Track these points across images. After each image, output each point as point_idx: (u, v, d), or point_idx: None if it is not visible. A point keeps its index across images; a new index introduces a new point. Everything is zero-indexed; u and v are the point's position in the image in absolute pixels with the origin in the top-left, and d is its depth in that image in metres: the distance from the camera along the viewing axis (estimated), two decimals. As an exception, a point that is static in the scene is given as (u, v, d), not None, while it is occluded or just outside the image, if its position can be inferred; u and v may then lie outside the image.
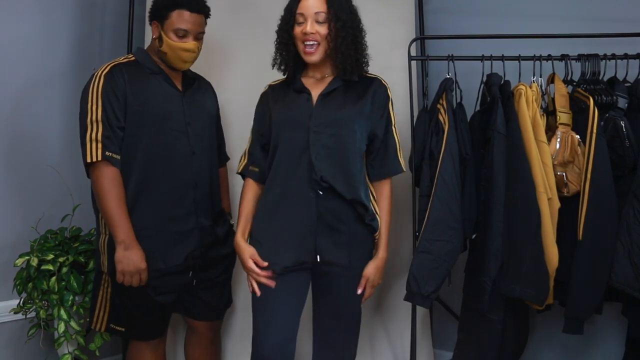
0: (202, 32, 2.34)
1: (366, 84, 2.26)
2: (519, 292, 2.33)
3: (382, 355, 2.81)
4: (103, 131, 2.22)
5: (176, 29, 2.27)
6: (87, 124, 2.24)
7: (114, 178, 2.23)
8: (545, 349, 2.88)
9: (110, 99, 2.24)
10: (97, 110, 2.23)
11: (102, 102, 2.23)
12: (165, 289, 2.33)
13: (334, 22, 2.15)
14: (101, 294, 2.35)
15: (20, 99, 2.76)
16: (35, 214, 2.67)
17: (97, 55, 3.03)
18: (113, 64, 2.31)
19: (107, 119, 2.23)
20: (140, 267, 2.22)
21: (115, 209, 2.22)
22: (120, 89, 2.25)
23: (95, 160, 2.21)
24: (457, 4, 3.07)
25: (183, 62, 2.33)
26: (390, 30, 2.83)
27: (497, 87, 2.46)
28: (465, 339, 2.56)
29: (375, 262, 2.23)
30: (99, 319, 2.37)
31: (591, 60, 2.48)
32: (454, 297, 2.85)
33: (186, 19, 2.27)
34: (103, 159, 2.21)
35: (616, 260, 2.29)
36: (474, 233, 2.47)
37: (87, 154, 2.23)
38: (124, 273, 2.22)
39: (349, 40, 2.17)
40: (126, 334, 2.39)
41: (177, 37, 2.28)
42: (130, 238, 2.22)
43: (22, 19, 2.76)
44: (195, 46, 2.31)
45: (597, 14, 2.75)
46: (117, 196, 2.23)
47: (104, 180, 2.23)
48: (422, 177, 2.46)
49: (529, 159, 2.32)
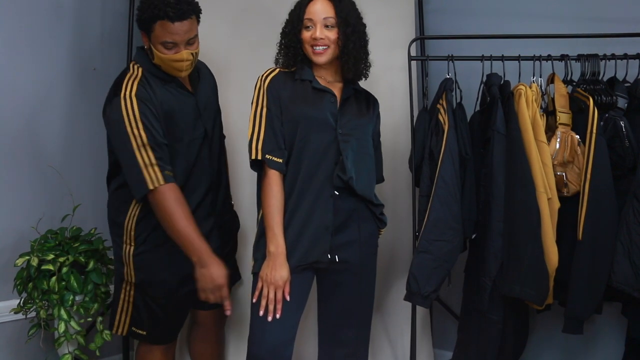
0: (194, 37, 2.20)
1: (366, 96, 2.33)
2: (518, 292, 2.33)
3: (382, 355, 2.81)
4: (154, 154, 2.14)
5: (163, 42, 2.16)
6: (133, 150, 2.13)
7: (178, 196, 2.16)
8: (545, 348, 2.88)
9: (150, 118, 2.15)
10: (140, 133, 2.13)
11: (142, 125, 2.13)
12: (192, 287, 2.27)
13: (343, 27, 2.16)
14: (123, 298, 2.33)
15: (21, 99, 2.76)
16: (35, 214, 2.67)
17: (97, 56, 3.03)
18: (136, 81, 2.20)
19: (154, 140, 2.14)
20: (219, 283, 2.16)
21: (184, 230, 2.14)
22: (154, 106, 2.18)
23: (158, 185, 2.13)
24: (457, 4, 3.07)
25: (179, 72, 2.24)
26: (390, 30, 2.83)
27: (496, 87, 2.46)
28: (465, 339, 2.57)
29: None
30: (121, 323, 2.35)
31: (591, 61, 2.49)
32: (454, 297, 2.86)
33: (170, 30, 2.13)
34: (166, 182, 2.14)
35: (616, 260, 2.29)
36: (474, 233, 2.48)
37: (148, 181, 2.12)
38: (204, 291, 2.18)
39: (359, 44, 2.20)
40: (147, 338, 2.37)
41: (167, 49, 2.17)
42: (205, 255, 2.16)
43: (22, 21, 2.76)
44: (188, 54, 2.19)
45: (597, 14, 2.75)
46: (184, 215, 2.15)
47: (169, 202, 2.14)
48: (422, 177, 2.46)
49: (528, 159, 2.33)
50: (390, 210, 2.82)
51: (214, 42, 2.70)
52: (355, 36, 2.18)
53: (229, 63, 2.79)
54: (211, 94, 2.45)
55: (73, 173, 2.84)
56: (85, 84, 2.97)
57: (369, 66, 2.28)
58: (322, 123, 2.18)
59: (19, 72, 2.75)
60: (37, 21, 2.81)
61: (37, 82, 2.81)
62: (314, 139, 2.17)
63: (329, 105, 2.21)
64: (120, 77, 2.25)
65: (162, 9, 2.11)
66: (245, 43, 2.83)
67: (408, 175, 2.68)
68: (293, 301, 2.14)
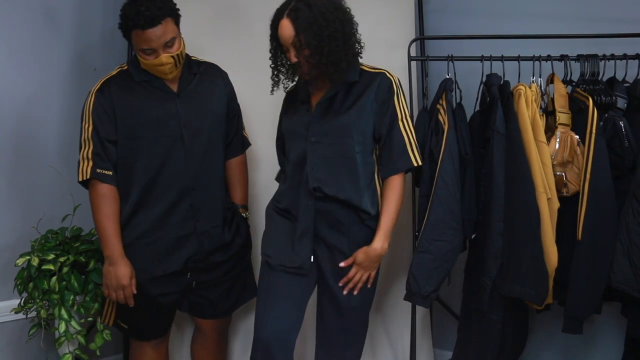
0: (172, 39, 2.20)
1: (369, 82, 2.22)
2: (518, 292, 2.33)
3: (382, 355, 2.81)
4: (93, 149, 2.25)
5: (142, 49, 2.20)
6: (80, 143, 2.29)
7: (104, 194, 2.27)
8: (545, 348, 2.88)
9: (100, 115, 2.26)
10: (88, 128, 2.27)
11: (92, 120, 2.26)
12: (165, 290, 2.36)
13: (303, 47, 2.10)
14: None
15: (21, 99, 2.76)
16: (35, 214, 2.67)
17: (97, 56, 3.04)
18: (104, 79, 2.32)
19: (97, 136, 2.25)
20: (123, 283, 2.26)
21: (103, 225, 2.26)
22: (108, 104, 2.25)
23: (86, 178, 2.26)
24: (457, 4, 3.07)
25: (165, 74, 2.26)
26: (390, 30, 2.83)
27: (496, 87, 2.46)
28: (465, 339, 2.57)
29: (366, 248, 2.19)
30: (108, 314, 2.44)
31: (590, 61, 2.49)
32: (454, 297, 2.86)
33: (144, 38, 2.16)
34: (93, 177, 2.25)
35: (615, 260, 2.29)
36: (474, 233, 2.48)
37: (79, 172, 2.28)
38: (108, 287, 2.29)
39: (333, 46, 2.10)
40: (129, 332, 2.44)
41: (146, 55, 2.21)
42: (116, 254, 2.26)
43: (22, 22, 2.76)
44: (168, 57, 2.20)
45: (596, 14, 2.75)
46: (106, 212, 2.27)
47: (95, 196, 2.28)
48: (422, 177, 2.46)
49: (528, 159, 2.33)
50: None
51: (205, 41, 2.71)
52: (319, 48, 2.08)
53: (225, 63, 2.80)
54: (209, 97, 2.40)
55: (73, 173, 2.82)
56: (85, 84, 2.94)
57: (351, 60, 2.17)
58: (297, 134, 2.24)
59: (19, 72, 2.76)
60: (37, 21, 2.81)
61: (37, 82, 2.82)
62: (293, 150, 2.26)
63: (304, 114, 2.24)
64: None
65: (132, 18, 2.15)
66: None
67: (408, 175, 2.68)
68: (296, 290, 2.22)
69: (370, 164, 2.24)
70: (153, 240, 2.30)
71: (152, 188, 2.29)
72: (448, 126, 2.40)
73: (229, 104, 2.47)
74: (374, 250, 2.19)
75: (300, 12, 2.08)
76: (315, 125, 2.21)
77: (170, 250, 2.32)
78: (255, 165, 2.77)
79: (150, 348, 2.43)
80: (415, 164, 2.24)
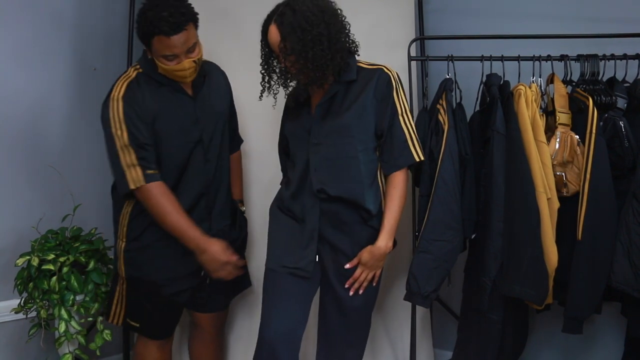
0: (194, 44, 2.21)
1: (367, 79, 2.20)
2: (518, 292, 2.33)
3: (382, 355, 2.81)
4: (136, 154, 2.20)
5: (164, 55, 2.18)
6: (117, 150, 2.20)
7: (162, 193, 2.22)
8: (545, 348, 2.88)
9: (133, 120, 2.20)
10: (122, 135, 2.19)
11: (126, 126, 2.19)
12: (181, 288, 2.37)
13: (289, 52, 2.09)
14: (118, 291, 2.41)
15: (21, 99, 2.76)
16: (35, 214, 2.67)
17: (97, 56, 3.04)
18: (125, 82, 2.25)
19: (135, 141, 2.20)
20: (222, 260, 2.27)
21: (176, 223, 2.23)
22: (140, 108, 2.22)
23: (139, 185, 2.20)
24: (457, 4, 3.07)
25: (184, 79, 2.27)
26: (390, 30, 2.83)
27: (496, 87, 2.46)
28: (465, 339, 2.57)
29: (371, 247, 2.19)
30: (116, 314, 2.43)
31: (590, 61, 2.49)
32: (454, 297, 2.86)
33: (168, 44, 2.15)
34: (147, 182, 2.20)
35: (615, 260, 2.29)
36: (474, 233, 2.48)
37: (129, 181, 2.20)
38: (213, 272, 2.29)
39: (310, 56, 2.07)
40: (140, 330, 2.44)
41: (168, 61, 2.19)
42: (200, 241, 2.25)
43: (23, 22, 2.76)
44: (190, 62, 2.21)
45: (596, 14, 2.75)
46: (173, 209, 2.23)
47: (154, 199, 2.21)
48: (422, 177, 2.46)
49: (528, 159, 2.33)
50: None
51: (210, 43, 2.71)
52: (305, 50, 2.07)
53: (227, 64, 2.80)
54: (217, 98, 2.42)
55: (73, 173, 2.84)
56: (85, 84, 2.97)
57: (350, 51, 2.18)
58: (299, 137, 2.26)
59: (20, 72, 2.75)
60: (39, 22, 2.81)
61: (38, 82, 2.82)
62: (297, 153, 2.27)
63: (305, 117, 2.25)
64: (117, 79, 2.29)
65: (156, 24, 2.12)
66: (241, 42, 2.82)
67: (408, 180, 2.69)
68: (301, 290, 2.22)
69: (373, 161, 2.23)
70: (173, 242, 2.30)
71: (174, 191, 2.29)
72: (448, 126, 2.40)
73: (230, 103, 2.51)
74: (378, 249, 2.19)
75: (285, 17, 2.08)
76: (316, 127, 2.21)
77: (189, 251, 2.31)
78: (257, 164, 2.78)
79: (155, 347, 2.44)
80: (417, 159, 2.22)
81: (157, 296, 2.35)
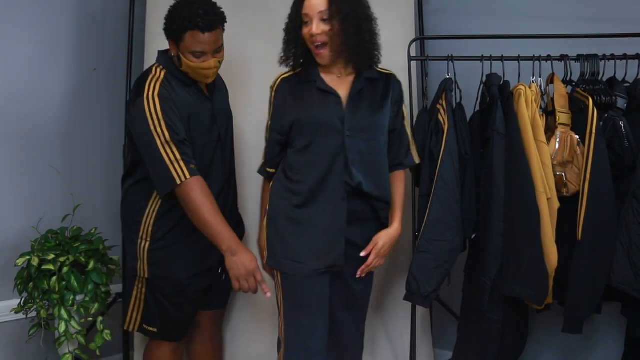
0: (221, 46, 2.27)
1: (386, 81, 2.31)
2: (518, 292, 2.33)
3: (382, 355, 2.81)
4: (178, 150, 2.19)
5: (193, 52, 2.22)
6: (158, 148, 2.19)
7: (202, 188, 2.20)
8: (545, 348, 2.88)
9: (170, 116, 2.20)
10: (162, 131, 2.18)
11: (165, 123, 2.19)
12: (201, 286, 2.38)
13: (336, 18, 2.13)
14: (135, 295, 2.39)
15: (21, 99, 2.76)
16: (36, 214, 2.67)
17: (98, 56, 3.04)
18: (158, 82, 2.25)
19: (176, 137, 2.19)
20: (251, 268, 2.20)
21: (213, 220, 2.19)
22: (175, 106, 2.23)
23: (184, 179, 2.18)
24: (457, 4, 3.08)
25: (206, 78, 2.30)
26: (390, 30, 2.81)
27: (496, 87, 2.47)
28: (465, 339, 2.57)
29: (388, 231, 2.27)
30: (132, 320, 2.41)
31: (590, 61, 2.49)
32: (454, 297, 2.86)
33: (200, 40, 2.19)
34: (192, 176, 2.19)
35: (615, 260, 2.29)
36: (474, 233, 2.48)
37: (175, 177, 2.17)
38: (238, 278, 2.21)
39: (360, 29, 2.15)
40: (158, 335, 2.41)
41: (196, 58, 2.23)
42: (234, 244, 2.20)
43: (23, 22, 2.76)
44: (216, 62, 2.26)
45: (596, 14, 2.75)
46: (211, 206, 2.20)
47: (195, 194, 2.18)
48: (421, 177, 2.46)
49: (528, 159, 2.33)
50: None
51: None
52: (354, 22, 2.13)
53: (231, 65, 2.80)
54: (225, 101, 2.50)
55: (73, 173, 2.84)
56: (85, 84, 2.97)
57: (376, 53, 2.25)
58: (329, 126, 2.18)
59: (20, 72, 2.76)
60: (37, 22, 2.81)
61: (38, 82, 2.82)
62: (322, 143, 2.19)
63: (334, 107, 2.20)
64: (142, 79, 2.29)
65: (192, 20, 2.17)
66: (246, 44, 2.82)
67: (408, 175, 2.68)
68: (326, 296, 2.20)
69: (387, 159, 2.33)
70: (196, 239, 2.30)
71: None
72: (448, 126, 2.40)
73: (230, 108, 2.55)
74: (395, 231, 2.29)
75: None
76: (351, 119, 2.20)
77: (209, 247, 2.30)
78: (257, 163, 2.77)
79: (170, 350, 2.44)
80: (417, 161, 2.42)
81: (180, 296, 2.35)
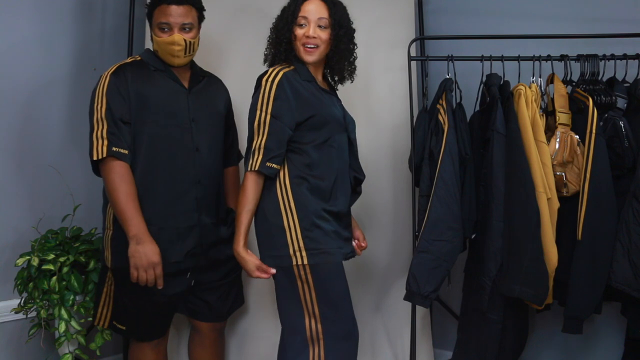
0: (190, 24, 2.30)
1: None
2: (518, 292, 2.33)
3: (382, 355, 2.81)
4: (108, 128, 2.22)
5: (159, 24, 2.28)
6: (93, 123, 2.25)
7: (123, 173, 2.22)
8: (545, 348, 2.88)
9: (114, 95, 2.24)
10: (101, 108, 2.24)
11: (106, 100, 2.24)
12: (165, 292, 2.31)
13: (335, 29, 2.19)
14: (105, 291, 2.36)
15: (21, 99, 2.76)
16: (36, 214, 2.67)
17: (98, 56, 3.04)
18: (119, 64, 2.33)
19: (111, 116, 2.23)
20: (153, 260, 2.20)
21: (125, 204, 2.20)
22: (123, 86, 2.26)
23: (101, 156, 2.21)
24: (457, 4, 3.08)
25: (172, 57, 2.31)
26: (390, 30, 2.83)
27: (496, 87, 2.47)
28: (465, 339, 2.57)
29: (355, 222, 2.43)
30: (102, 316, 2.38)
31: (590, 61, 2.49)
32: (454, 297, 2.86)
33: (166, 12, 2.26)
34: (109, 155, 2.21)
35: (615, 260, 2.29)
36: (474, 233, 2.48)
37: (94, 151, 2.22)
38: (137, 268, 2.20)
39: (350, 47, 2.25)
40: (127, 333, 2.40)
41: (161, 32, 2.28)
42: (142, 232, 2.20)
43: (23, 22, 2.76)
44: (181, 38, 2.28)
45: (596, 14, 2.75)
46: (127, 191, 2.21)
47: (113, 175, 2.21)
48: (421, 177, 2.46)
49: (528, 159, 2.33)
50: (391, 210, 2.83)
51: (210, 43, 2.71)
52: (347, 38, 2.22)
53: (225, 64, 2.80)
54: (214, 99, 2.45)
55: (73, 173, 2.84)
56: (85, 84, 2.96)
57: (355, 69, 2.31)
58: (340, 123, 2.24)
59: (20, 72, 2.76)
60: (37, 22, 2.81)
61: (38, 82, 2.82)
62: (337, 139, 2.22)
63: (336, 106, 2.28)
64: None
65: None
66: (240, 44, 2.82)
67: (408, 175, 2.69)
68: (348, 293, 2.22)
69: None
70: (157, 229, 2.27)
71: (157, 176, 2.29)
72: (448, 126, 2.40)
73: (228, 112, 2.53)
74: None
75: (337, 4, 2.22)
76: (349, 118, 2.31)
77: (174, 240, 2.30)
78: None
79: (149, 349, 2.42)
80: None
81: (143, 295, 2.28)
